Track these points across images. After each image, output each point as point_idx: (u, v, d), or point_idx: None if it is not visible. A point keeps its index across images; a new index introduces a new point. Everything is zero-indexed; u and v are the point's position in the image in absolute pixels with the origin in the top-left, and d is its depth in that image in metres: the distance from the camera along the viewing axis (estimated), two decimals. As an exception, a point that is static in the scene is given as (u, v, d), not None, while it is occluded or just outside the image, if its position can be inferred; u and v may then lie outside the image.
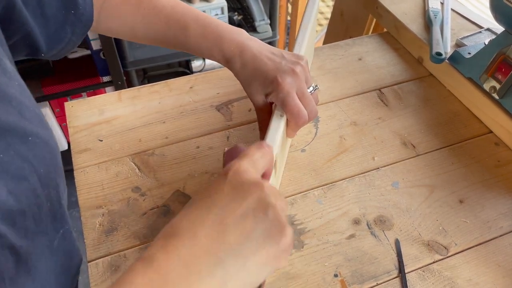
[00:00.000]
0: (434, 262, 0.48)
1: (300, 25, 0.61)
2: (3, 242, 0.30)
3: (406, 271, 0.47)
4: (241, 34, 0.52)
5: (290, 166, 0.58)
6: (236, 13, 1.55)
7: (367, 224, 0.52)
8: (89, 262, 0.48)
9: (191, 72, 1.56)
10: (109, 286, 0.28)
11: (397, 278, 0.47)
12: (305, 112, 0.47)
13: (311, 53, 0.71)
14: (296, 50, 0.57)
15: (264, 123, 0.51)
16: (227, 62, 0.52)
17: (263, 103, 0.51)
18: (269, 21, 1.53)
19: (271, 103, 0.51)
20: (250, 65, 0.50)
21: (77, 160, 0.58)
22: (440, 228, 0.51)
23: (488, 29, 0.71)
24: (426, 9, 0.77)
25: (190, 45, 0.52)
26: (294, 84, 0.48)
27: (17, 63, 0.39)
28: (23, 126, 0.34)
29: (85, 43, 1.45)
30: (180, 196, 0.54)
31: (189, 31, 0.51)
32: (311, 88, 0.51)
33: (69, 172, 0.51)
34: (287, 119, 0.49)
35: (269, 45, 0.53)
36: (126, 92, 0.68)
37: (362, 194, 0.55)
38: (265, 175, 0.38)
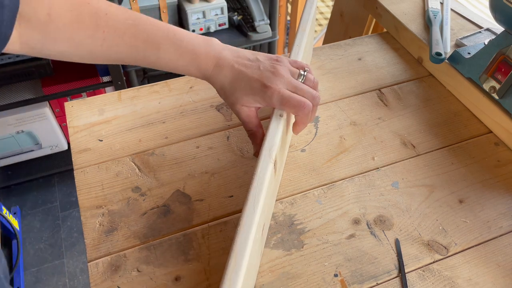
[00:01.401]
0: (434, 262, 0.48)
1: (298, 26, 0.61)
2: None
3: (406, 271, 0.48)
4: (214, 45, 0.50)
5: (290, 166, 0.58)
6: (236, 13, 1.55)
7: (367, 224, 0.52)
8: (89, 262, 0.48)
9: (191, 72, 1.55)
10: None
11: (397, 278, 0.47)
12: (306, 100, 0.47)
13: (309, 54, 0.71)
14: (294, 52, 0.57)
15: (253, 131, 0.51)
16: (205, 77, 0.50)
17: (249, 112, 0.50)
18: (268, 21, 1.53)
19: (257, 110, 0.51)
20: (230, 77, 0.49)
21: (77, 160, 0.58)
22: (440, 228, 0.51)
23: (488, 29, 0.71)
24: (426, 9, 0.77)
25: (162, 65, 0.49)
26: (282, 82, 0.48)
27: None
28: None
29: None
30: (180, 196, 0.54)
31: (160, 51, 0.47)
32: (301, 77, 0.51)
33: (69, 172, 0.51)
34: (290, 118, 0.49)
35: (241, 50, 0.51)
36: (126, 92, 0.68)
37: (362, 194, 0.55)
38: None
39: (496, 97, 0.60)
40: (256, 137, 0.51)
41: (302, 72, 0.51)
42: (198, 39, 0.49)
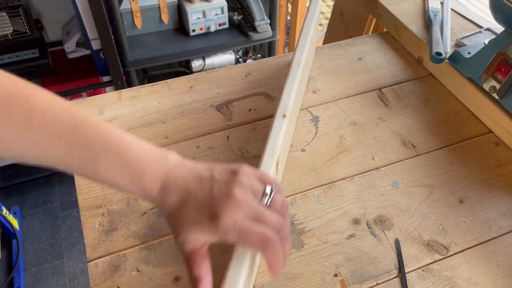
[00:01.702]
0: (434, 262, 0.48)
1: (302, 26, 0.61)
2: None
3: (406, 271, 0.47)
4: (166, 160, 0.41)
5: (290, 166, 0.58)
6: (236, 13, 1.55)
7: (367, 224, 0.52)
8: (88, 262, 0.48)
9: (191, 72, 1.56)
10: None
11: (397, 278, 0.47)
12: (270, 233, 0.37)
13: (312, 54, 0.71)
14: (298, 52, 0.57)
15: (196, 278, 0.38)
16: (151, 200, 0.41)
17: (194, 249, 0.39)
18: (269, 21, 1.53)
19: (206, 248, 0.39)
20: (177, 201, 0.39)
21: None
22: (440, 228, 0.51)
23: (488, 29, 0.71)
24: (426, 9, 0.77)
25: (101, 179, 0.40)
26: (239, 209, 0.37)
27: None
28: None
29: (85, 43, 1.45)
30: (180, 196, 0.54)
31: (99, 164, 0.38)
32: (266, 198, 0.40)
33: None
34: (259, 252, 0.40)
35: (197, 166, 0.42)
36: (126, 92, 0.68)
37: (362, 194, 0.55)
38: None
39: (496, 97, 0.60)
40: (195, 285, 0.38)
41: (268, 191, 0.40)
42: (148, 152, 0.40)
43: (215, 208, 0.37)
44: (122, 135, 0.40)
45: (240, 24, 1.53)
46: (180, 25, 1.52)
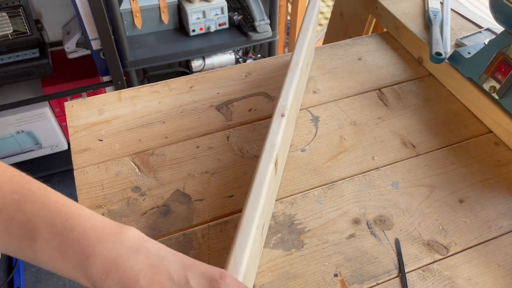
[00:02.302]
0: (434, 262, 0.48)
1: (301, 26, 0.61)
2: None
3: (406, 270, 0.47)
4: (125, 240, 0.33)
5: (290, 166, 0.58)
6: (236, 13, 1.55)
7: (367, 224, 0.52)
8: (89, 262, 0.48)
9: (191, 72, 1.56)
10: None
11: (397, 278, 0.47)
12: None
13: (311, 53, 0.71)
14: (297, 51, 0.57)
15: None
16: None
17: None
18: (269, 21, 1.53)
19: None
20: None
21: (77, 160, 0.58)
22: (440, 228, 0.51)
23: (488, 29, 0.71)
24: (426, 9, 0.77)
25: (41, 264, 0.33)
26: None
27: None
28: None
29: (85, 43, 1.45)
30: (180, 196, 0.54)
31: (38, 242, 0.32)
32: None
33: (69, 172, 0.51)
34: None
35: (167, 255, 0.33)
36: (126, 92, 0.68)
37: (362, 194, 0.55)
38: None
39: (496, 97, 0.60)
40: None
41: None
42: (100, 229, 0.33)
43: None
44: (73, 210, 0.33)
45: (240, 24, 1.53)
46: (180, 25, 1.52)
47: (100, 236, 0.32)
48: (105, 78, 1.49)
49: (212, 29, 1.49)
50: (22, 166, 1.67)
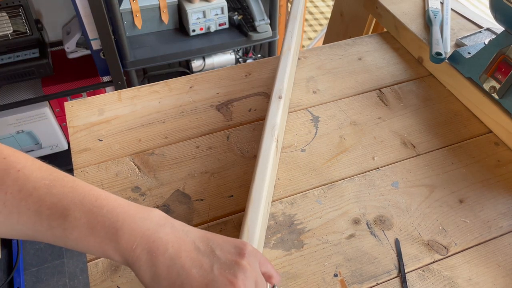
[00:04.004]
0: (434, 262, 0.48)
1: (289, 14, 0.64)
2: None
3: (406, 271, 0.47)
4: (151, 218, 0.35)
5: (290, 166, 0.58)
6: (236, 13, 1.55)
7: (367, 224, 0.52)
8: (88, 262, 0.48)
9: (191, 72, 1.56)
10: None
11: (397, 278, 0.47)
12: None
13: (298, 41, 0.72)
14: (288, 37, 0.60)
15: None
16: (128, 264, 0.34)
17: None
18: (269, 21, 1.53)
19: None
20: (163, 272, 0.33)
21: (77, 160, 0.58)
22: (440, 228, 0.51)
23: (488, 29, 0.71)
24: (426, 9, 0.77)
25: (70, 241, 0.34)
26: None
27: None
28: None
29: (85, 43, 1.45)
30: (180, 196, 0.54)
31: (68, 220, 0.34)
32: None
33: (69, 172, 0.51)
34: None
35: (191, 230, 0.36)
36: (126, 92, 0.68)
37: (362, 194, 0.55)
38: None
39: (496, 97, 0.60)
40: None
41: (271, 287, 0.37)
42: (127, 207, 0.35)
43: None
44: (101, 193, 0.35)
45: (240, 24, 1.53)
46: (180, 25, 1.52)
47: (128, 212, 0.35)
48: (105, 78, 1.49)
49: (212, 29, 1.49)
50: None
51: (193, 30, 1.46)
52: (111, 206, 0.35)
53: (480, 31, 0.71)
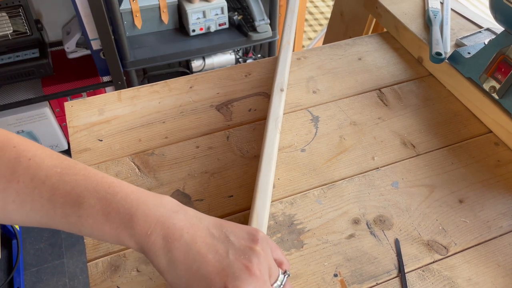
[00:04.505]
0: (433, 262, 0.48)
1: (287, 9, 0.65)
2: None
3: (405, 271, 0.47)
4: (164, 205, 0.36)
5: (290, 166, 0.58)
6: (236, 13, 1.55)
7: (367, 224, 0.52)
8: (88, 262, 0.48)
9: (191, 72, 1.56)
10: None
11: (397, 278, 0.47)
12: None
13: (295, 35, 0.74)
14: (286, 32, 0.61)
15: None
16: (143, 251, 0.35)
17: None
18: (269, 21, 1.53)
19: None
20: (178, 258, 0.33)
21: (77, 160, 0.58)
22: (440, 228, 0.51)
23: (488, 29, 0.71)
24: (426, 9, 0.77)
25: (85, 228, 0.35)
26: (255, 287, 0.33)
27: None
28: None
29: (85, 43, 1.45)
30: (180, 196, 0.54)
31: (83, 207, 0.34)
32: (278, 283, 0.36)
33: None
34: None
35: (204, 217, 0.37)
36: (126, 92, 0.68)
37: (361, 194, 0.55)
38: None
39: (496, 97, 0.60)
40: None
41: (282, 276, 0.37)
42: (140, 194, 0.36)
43: (229, 282, 0.32)
44: (113, 180, 0.36)
45: (240, 24, 1.53)
46: (180, 25, 1.52)
47: (141, 199, 0.35)
48: (105, 78, 1.50)
49: (212, 29, 1.49)
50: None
51: (193, 30, 1.47)
52: (125, 193, 0.35)
53: (480, 31, 0.71)
